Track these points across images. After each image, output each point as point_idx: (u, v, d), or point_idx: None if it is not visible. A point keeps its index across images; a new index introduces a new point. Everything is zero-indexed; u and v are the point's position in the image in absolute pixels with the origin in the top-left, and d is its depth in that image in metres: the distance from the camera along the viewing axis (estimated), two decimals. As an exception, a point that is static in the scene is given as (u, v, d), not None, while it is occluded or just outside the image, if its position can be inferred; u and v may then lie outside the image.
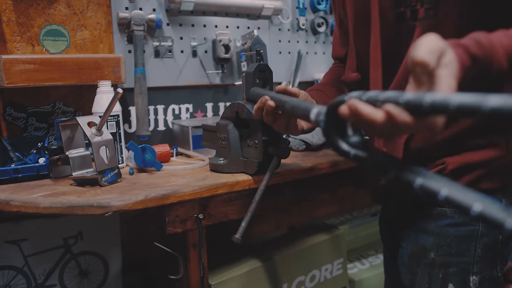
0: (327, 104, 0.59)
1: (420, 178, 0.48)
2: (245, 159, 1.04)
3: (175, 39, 1.40)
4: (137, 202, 0.87)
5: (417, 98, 0.46)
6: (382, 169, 0.52)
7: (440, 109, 0.44)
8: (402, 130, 0.50)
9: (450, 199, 0.44)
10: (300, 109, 0.72)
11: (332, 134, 0.58)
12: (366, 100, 0.52)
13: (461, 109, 0.41)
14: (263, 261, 1.23)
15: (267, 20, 1.58)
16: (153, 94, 1.38)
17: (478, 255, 0.89)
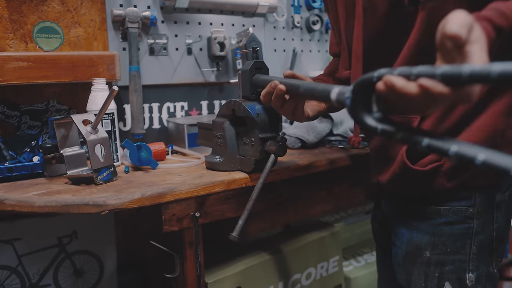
0: (353, 82, 0.60)
1: (455, 145, 0.48)
2: (242, 157, 1.03)
3: (170, 37, 1.39)
4: (134, 201, 0.87)
5: (454, 69, 0.47)
6: (413, 140, 0.53)
7: (481, 78, 0.44)
8: (439, 101, 0.50)
9: (487, 163, 0.44)
10: (317, 90, 0.73)
11: (358, 111, 0.60)
12: (399, 74, 0.53)
13: (503, 76, 0.42)
14: (259, 259, 1.22)
15: (262, 18, 1.58)
16: (148, 92, 1.37)
17: (474, 252, 0.89)
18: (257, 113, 0.97)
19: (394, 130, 0.56)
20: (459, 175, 0.87)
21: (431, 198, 0.91)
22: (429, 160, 0.87)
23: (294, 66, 1.66)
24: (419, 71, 0.51)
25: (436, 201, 0.90)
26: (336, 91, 0.67)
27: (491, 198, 0.89)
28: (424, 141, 0.51)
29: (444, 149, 0.49)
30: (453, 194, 0.89)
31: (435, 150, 0.50)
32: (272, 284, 1.24)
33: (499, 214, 0.91)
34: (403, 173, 0.90)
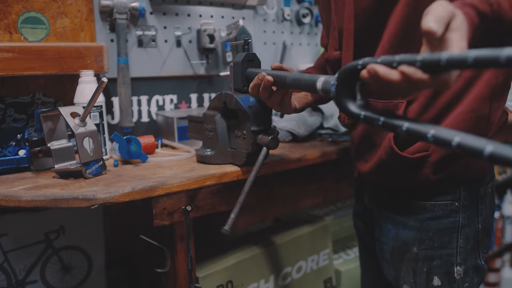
0: (338, 70, 0.63)
1: (433, 129, 0.50)
2: (233, 150, 1.02)
3: (159, 29, 1.37)
4: (124, 195, 0.85)
5: (433, 56, 0.50)
6: (393, 126, 0.55)
7: (458, 63, 0.47)
8: (419, 87, 0.53)
9: (462, 145, 0.46)
10: (303, 80, 0.75)
11: (342, 98, 0.63)
12: (381, 63, 0.56)
13: (479, 61, 0.45)
14: (250, 253, 1.22)
15: (252, 10, 1.56)
16: (136, 84, 1.35)
17: (461, 245, 0.89)
18: (249, 106, 0.96)
19: (376, 116, 0.58)
20: (444, 169, 0.87)
21: (415, 192, 0.91)
22: (416, 148, 0.86)
23: (284, 59, 1.65)
24: (400, 58, 0.54)
25: (421, 196, 0.90)
26: (322, 80, 0.70)
27: (475, 191, 0.90)
28: (404, 125, 0.53)
29: (423, 133, 0.51)
30: (437, 188, 0.89)
31: (415, 134, 0.52)
32: (263, 278, 1.24)
33: (483, 206, 0.92)
34: (389, 160, 0.89)
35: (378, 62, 0.56)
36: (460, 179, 0.88)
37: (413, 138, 0.52)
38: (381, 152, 0.90)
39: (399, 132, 0.54)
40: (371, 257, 1.12)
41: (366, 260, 1.17)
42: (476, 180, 0.90)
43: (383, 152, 0.89)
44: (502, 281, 2.24)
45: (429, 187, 0.89)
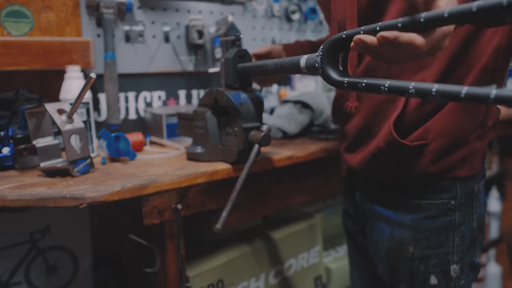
0: (324, 43, 0.68)
1: (412, 83, 0.54)
2: (224, 148, 1.01)
3: (146, 24, 1.34)
4: (114, 193, 0.83)
5: (413, 16, 0.55)
6: (375, 85, 0.59)
7: (436, 20, 0.52)
8: (404, 50, 0.57)
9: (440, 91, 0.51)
10: (286, 62, 0.80)
11: (326, 68, 0.68)
12: (365, 32, 0.61)
13: (453, 14, 0.50)
14: (240, 251, 1.21)
15: (241, 6, 1.55)
16: (123, 80, 1.32)
17: (457, 244, 0.89)
18: (241, 102, 0.95)
19: (359, 80, 0.63)
20: (442, 160, 0.87)
21: (410, 188, 0.91)
22: (415, 137, 0.85)
23: (272, 56, 1.64)
24: (382, 24, 0.59)
25: (416, 194, 0.90)
26: (305, 58, 0.75)
27: (470, 189, 0.90)
28: (386, 83, 0.57)
29: (404, 88, 0.55)
30: (433, 185, 0.89)
31: (396, 90, 0.56)
32: (254, 276, 1.23)
33: (478, 204, 0.92)
34: (387, 148, 0.87)
35: (362, 32, 0.61)
36: (455, 176, 0.88)
37: (395, 94, 0.57)
38: (379, 140, 0.89)
39: (382, 91, 0.58)
40: (361, 256, 1.12)
41: (356, 259, 1.16)
42: (471, 178, 0.90)
43: (382, 140, 0.88)
44: (487, 277, 2.27)
45: (425, 183, 0.89)
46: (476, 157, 0.90)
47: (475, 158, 0.90)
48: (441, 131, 0.84)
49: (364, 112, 0.93)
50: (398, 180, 0.92)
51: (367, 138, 0.94)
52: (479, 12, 0.48)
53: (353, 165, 0.98)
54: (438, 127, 0.84)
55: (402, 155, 0.87)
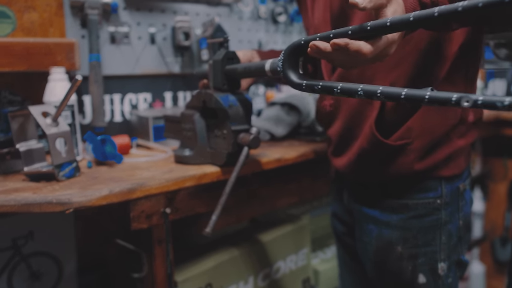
0: (285, 48, 0.73)
1: (361, 85, 0.60)
2: (213, 150, 1.00)
3: (132, 25, 1.32)
4: (101, 198, 0.81)
5: (361, 25, 0.60)
6: (330, 87, 0.65)
7: (379, 28, 0.59)
8: (354, 56, 0.61)
9: (384, 92, 0.57)
10: (253, 67, 0.87)
11: (287, 72, 0.73)
12: (320, 39, 0.66)
13: (394, 23, 0.56)
14: (229, 255, 1.20)
15: (227, 8, 1.54)
16: (108, 83, 1.30)
17: (444, 242, 0.91)
18: (230, 105, 0.94)
19: (315, 82, 0.68)
20: (427, 158, 0.88)
21: (396, 188, 0.91)
22: (398, 136, 0.87)
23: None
24: (334, 32, 0.64)
25: (402, 193, 0.91)
26: (269, 62, 0.80)
27: (455, 188, 0.91)
28: (339, 86, 0.63)
29: (354, 90, 0.61)
30: (419, 184, 0.90)
31: (346, 91, 0.62)
32: (242, 280, 1.22)
33: (464, 203, 0.94)
34: (370, 149, 0.88)
35: (317, 38, 0.66)
36: (441, 173, 0.89)
37: (346, 95, 0.63)
38: (362, 141, 0.90)
39: (335, 92, 0.64)
40: (350, 257, 1.12)
41: (345, 260, 1.17)
42: (456, 177, 0.91)
43: (364, 141, 0.89)
44: (471, 275, 2.31)
45: (411, 182, 0.90)
46: (460, 156, 0.91)
47: (459, 157, 0.91)
48: (422, 129, 0.86)
49: (344, 114, 0.94)
50: (384, 181, 0.92)
51: (350, 140, 0.95)
52: (416, 21, 0.54)
53: (340, 168, 0.99)
54: (419, 125, 0.86)
55: (386, 155, 0.88)
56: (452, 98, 0.50)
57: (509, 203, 2.44)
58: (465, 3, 0.50)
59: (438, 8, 0.52)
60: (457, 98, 0.50)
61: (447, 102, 0.51)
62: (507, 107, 0.47)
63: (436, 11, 0.52)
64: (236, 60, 0.98)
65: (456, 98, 0.50)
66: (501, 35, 0.96)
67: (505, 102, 0.46)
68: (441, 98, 0.52)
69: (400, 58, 0.85)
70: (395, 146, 0.86)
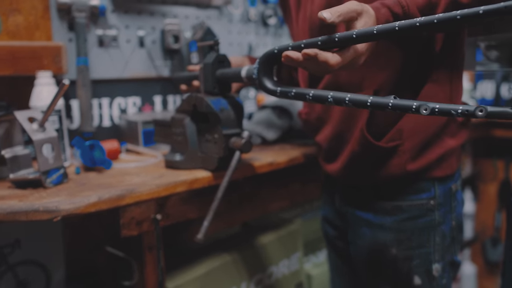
0: (260, 56, 0.77)
1: (331, 93, 0.65)
2: (204, 155, 0.98)
3: (120, 28, 1.30)
4: (90, 205, 0.79)
5: (330, 36, 0.65)
6: (302, 94, 0.69)
7: (346, 39, 0.63)
8: (323, 64, 0.65)
9: (352, 99, 0.63)
10: (230, 73, 0.90)
11: (262, 79, 0.77)
12: (292, 48, 0.70)
13: (359, 35, 0.61)
14: (221, 260, 1.18)
15: (217, 11, 1.52)
16: (97, 86, 1.28)
17: (438, 243, 0.91)
18: (221, 109, 0.93)
19: (288, 89, 0.72)
20: (419, 159, 0.88)
21: (389, 191, 0.91)
22: (389, 138, 0.87)
23: (249, 60, 1.63)
24: (305, 42, 0.67)
25: (395, 195, 0.91)
26: (245, 69, 0.84)
27: (448, 188, 0.92)
28: (311, 93, 0.67)
29: (324, 96, 0.65)
30: (412, 186, 0.90)
31: (318, 98, 0.66)
32: (235, 285, 1.20)
33: (456, 203, 0.94)
34: (362, 152, 0.88)
35: (290, 48, 0.70)
36: (434, 174, 0.90)
37: (317, 102, 0.67)
38: (353, 145, 0.90)
39: (307, 99, 0.68)
40: (342, 261, 1.12)
41: (337, 264, 1.16)
42: (448, 177, 0.92)
43: (356, 144, 0.89)
44: (463, 276, 2.32)
45: (404, 184, 0.90)
46: (452, 157, 0.92)
47: (451, 158, 0.92)
48: (413, 130, 0.86)
49: (334, 120, 0.94)
50: (377, 183, 0.92)
51: (341, 145, 0.94)
52: (379, 34, 0.59)
53: (332, 173, 0.98)
54: (410, 125, 0.86)
55: (379, 158, 0.89)
56: (412, 106, 0.55)
57: (499, 203, 2.45)
58: (422, 19, 0.55)
59: (398, 23, 0.58)
60: (417, 106, 0.55)
61: (408, 109, 0.56)
62: (460, 114, 0.52)
63: (397, 25, 0.58)
64: (227, 63, 0.97)
65: (416, 106, 0.55)
66: (492, 37, 0.96)
67: (459, 110, 0.51)
68: (403, 105, 0.56)
69: (387, 61, 0.85)
70: (386, 148, 0.86)
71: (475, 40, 0.92)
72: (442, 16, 0.53)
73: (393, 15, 0.74)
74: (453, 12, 0.52)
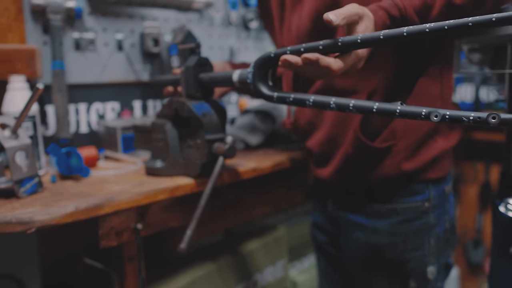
0: (255, 60, 0.74)
1: (333, 99, 0.63)
2: (186, 161, 0.95)
3: (98, 31, 1.26)
4: (66, 215, 0.75)
5: (333, 40, 0.63)
6: (302, 100, 0.66)
7: (351, 44, 0.61)
8: (324, 69, 0.63)
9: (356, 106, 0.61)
10: (219, 77, 0.87)
11: (257, 84, 0.74)
12: (291, 52, 0.67)
13: (364, 40, 0.60)
14: (204, 269, 1.15)
15: (197, 14, 1.50)
16: (73, 91, 1.23)
17: (432, 245, 0.90)
18: (204, 113, 0.90)
19: (287, 94, 0.69)
20: (413, 159, 0.87)
21: (384, 193, 0.90)
22: (382, 138, 0.86)
23: (231, 64, 1.60)
24: (305, 46, 0.65)
25: (390, 198, 0.89)
26: (237, 73, 0.80)
27: (441, 190, 0.92)
28: (311, 99, 0.65)
29: (326, 102, 0.63)
30: (407, 188, 0.89)
31: (318, 104, 0.64)
32: (219, 295, 1.17)
33: (449, 205, 0.94)
34: (355, 154, 0.87)
35: (288, 52, 0.67)
36: (428, 176, 0.89)
37: (318, 108, 0.65)
38: (347, 147, 0.88)
39: (307, 105, 0.65)
40: (333, 268, 1.10)
41: (327, 271, 1.13)
42: (442, 179, 0.92)
43: (349, 147, 0.87)
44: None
45: (398, 186, 0.89)
46: (445, 158, 0.92)
47: (444, 159, 0.92)
48: (406, 129, 0.86)
49: (327, 124, 0.92)
50: (371, 186, 0.91)
51: (334, 149, 0.93)
52: (385, 39, 0.58)
53: (325, 178, 0.96)
54: (403, 125, 0.86)
55: (373, 159, 0.88)
56: (422, 112, 0.54)
57: (480, 206, 2.48)
58: (432, 25, 0.53)
59: (407, 29, 0.56)
60: (427, 113, 0.53)
61: (417, 116, 0.54)
62: (472, 122, 0.50)
63: (405, 31, 0.56)
64: (209, 66, 0.94)
65: (425, 113, 0.54)
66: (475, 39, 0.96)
67: (471, 118, 0.50)
68: (411, 112, 0.55)
69: (382, 63, 0.84)
70: (381, 149, 0.85)
71: (459, 43, 0.92)
72: (452, 22, 0.52)
73: (390, 17, 0.73)
74: (465, 19, 0.51)
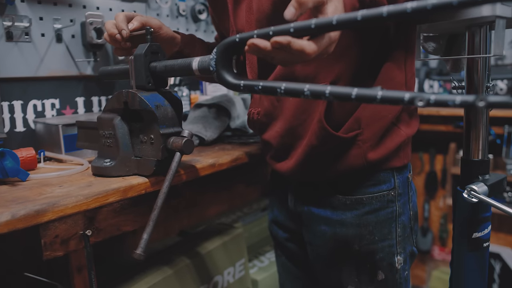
0: (217, 46, 0.67)
1: (307, 86, 0.57)
2: (139, 158, 0.87)
3: (33, 19, 1.14)
4: (1, 225, 0.65)
5: (305, 22, 0.57)
6: (272, 88, 0.61)
7: (325, 26, 0.56)
8: (298, 55, 0.59)
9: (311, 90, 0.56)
10: (177, 65, 0.79)
11: (222, 72, 0.67)
12: (258, 36, 0.61)
13: (340, 21, 0.54)
14: (162, 275, 1.07)
15: (143, 4, 1.41)
16: (6, 87, 1.11)
17: (399, 234, 0.89)
18: (157, 105, 0.83)
19: (255, 83, 0.63)
20: (378, 147, 0.85)
21: (350, 184, 0.87)
22: (347, 128, 0.83)
23: (181, 57, 1.53)
24: (275, 29, 0.59)
25: (356, 189, 0.87)
26: (197, 60, 0.74)
27: (405, 178, 0.91)
28: (282, 86, 0.59)
29: (299, 90, 0.58)
30: (372, 177, 0.87)
31: (290, 92, 0.59)
32: (178, 301, 1.10)
33: (412, 193, 0.93)
34: (320, 145, 0.84)
35: (255, 36, 0.61)
36: (393, 164, 0.87)
37: (291, 95, 0.59)
38: (310, 138, 0.84)
39: (278, 93, 0.60)
40: (295, 264, 1.06)
41: (288, 268, 1.10)
42: (405, 167, 0.91)
43: (313, 138, 0.84)
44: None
45: (364, 176, 0.87)
46: (407, 146, 0.92)
47: (407, 147, 0.91)
48: (370, 118, 0.83)
49: (286, 114, 0.88)
50: (335, 178, 0.88)
51: (294, 140, 0.89)
52: (364, 20, 0.53)
53: (285, 172, 0.92)
54: (367, 114, 0.83)
55: (338, 150, 0.85)
56: (404, 97, 0.49)
57: (427, 195, 2.56)
58: (414, 5, 0.49)
59: (387, 8, 0.51)
60: (410, 98, 0.49)
61: (399, 101, 0.50)
62: (459, 105, 0.47)
63: (385, 10, 0.51)
64: (162, 54, 0.87)
65: (409, 98, 0.49)
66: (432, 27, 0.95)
67: (456, 101, 0.47)
68: (393, 97, 0.51)
69: (344, 50, 0.80)
70: (347, 138, 0.83)
71: (418, 30, 0.90)
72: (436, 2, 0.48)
73: (359, 0, 0.70)
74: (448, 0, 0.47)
